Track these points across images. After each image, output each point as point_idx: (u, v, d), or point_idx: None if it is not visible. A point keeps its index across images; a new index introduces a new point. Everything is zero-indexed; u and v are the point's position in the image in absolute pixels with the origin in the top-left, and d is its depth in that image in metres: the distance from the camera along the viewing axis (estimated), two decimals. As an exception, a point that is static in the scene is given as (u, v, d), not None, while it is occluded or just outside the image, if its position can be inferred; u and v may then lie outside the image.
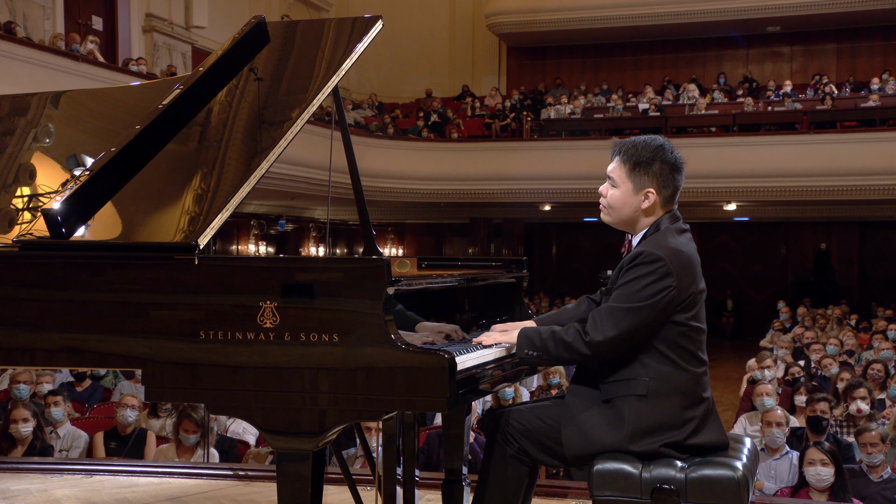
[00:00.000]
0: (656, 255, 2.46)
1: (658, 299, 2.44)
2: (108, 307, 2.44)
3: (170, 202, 2.67)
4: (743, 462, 2.50)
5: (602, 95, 18.42)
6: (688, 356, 2.51)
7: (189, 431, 5.36)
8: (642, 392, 2.48)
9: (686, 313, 2.50)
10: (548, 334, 2.53)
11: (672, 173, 2.58)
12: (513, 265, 3.50)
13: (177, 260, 2.38)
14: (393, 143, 16.62)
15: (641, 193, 2.58)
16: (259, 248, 18.24)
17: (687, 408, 2.50)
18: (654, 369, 2.49)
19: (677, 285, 2.46)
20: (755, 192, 15.30)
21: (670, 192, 2.59)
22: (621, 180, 2.60)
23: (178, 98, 2.85)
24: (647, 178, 2.57)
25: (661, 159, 2.57)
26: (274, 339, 2.29)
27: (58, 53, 11.31)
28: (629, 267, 2.49)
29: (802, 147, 14.82)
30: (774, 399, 6.44)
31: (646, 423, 2.47)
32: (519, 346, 2.58)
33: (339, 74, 2.92)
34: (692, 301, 2.51)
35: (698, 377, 2.53)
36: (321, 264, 2.36)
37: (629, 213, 2.61)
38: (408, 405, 2.27)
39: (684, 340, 2.50)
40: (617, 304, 2.46)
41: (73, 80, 10.61)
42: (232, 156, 2.75)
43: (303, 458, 2.33)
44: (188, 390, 2.38)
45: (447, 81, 21.07)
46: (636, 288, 2.45)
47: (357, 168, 3.14)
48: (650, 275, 2.44)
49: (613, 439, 2.48)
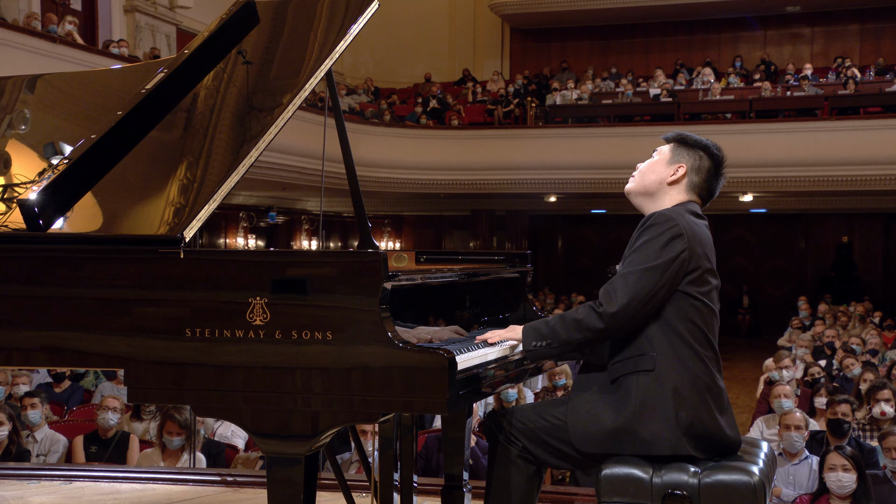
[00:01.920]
0: (667, 215, 2.54)
1: (671, 258, 2.48)
2: (89, 304, 2.44)
3: (153, 193, 2.67)
4: (759, 467, 2.50)
5: (611, 80, 18.40)
6: (698, 334, 2.53)
7: (173, 433, 5.36)
8: (649, 367, 2.49)
9: (698, 286, 2.52)
10: (555, 319, 2.56)
11: (710, 167, 2.70)
12: (516, 260, 3.50)
13: (161, 254, 2.38)
14: (389, 131, 16.61)
15: (674, 166, 2.68)
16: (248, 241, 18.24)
17: (696, 388, 2.50)
18: (662, 344, 2.50)
19: (689, 248, 2.49)
20: (773, 182, 15.29)
21: (700, 181, 2.68)
22: (661, 153, 2.75)
23: (162, 82, 2.85)
24: (686, 154, 2.70)
25: (706, 151, 2.71)
26: (264, 337, 2.30)
27: (34, 35, 11.28)
28: (639, 233, 2.55)
29: (823, 134, 14.81)
30: (793, 401, 6.45)
31: (654, 399, 2.47)
32: (525, 340, 2.59)
33: (333, 57, 2.92)
34: (701, 277, 2.53)
35: (707, 361, 2.54)
36: (314, 258, 2.36)
37: (654, 179, 2.70)
38: (405, 407, 2.28)
39: (696, 315, 2.52)
40: (630, 268, 2.49)
41: (49, 63, 10.60)
42: (219, 144, 2.75)
43: (294, 463, 2.33)
44: (173, 391, 2.38)
45: (447, 65, 21.05)
46: (649, 250, 2.49)
47: (352, 157, 3.14)
48: (661, 235, 2.50)
49: (621, 417, 2.49)
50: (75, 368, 7.31)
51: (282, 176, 14.04)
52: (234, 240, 17.96)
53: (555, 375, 7.23)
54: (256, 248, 17.69)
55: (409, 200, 19.24)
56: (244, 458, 5.62)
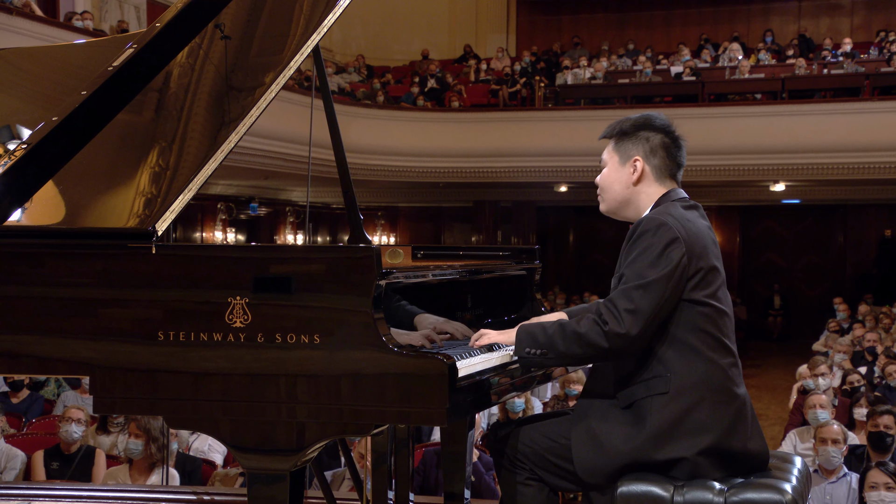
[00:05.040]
0: (658, 219, 2.53)
1: (671, 267, 2.48)
2: (50, 304, 2.44)
3: (122, 182, 2.67)
4: (793, 485, 2.51)
5: (628, 57, 18.40)
6: (712, 342, 2.53)
7: (130, 435, 5.32)
8: (663, 389, 2.50)
9: (703, 289, 2.53)
10: (554, 327, 2.53)
11: (662, 141, 2.69)
12: (523, 255, 3.51)
13: (131, 249, 2.38)
14: (383, 113, 16.61)
15: (628, 165, 2.69)
16: (227, 235, 18.25)
17: (718, 404, 2.51)
18: (675, 363, 2.51)
19: (687, 251, 2.50)
20: (808, 169, 15.29)
21: (661, 162, 2.69)
22: (608, 157, 2.75)
23: (132, 59, 2.85)
24: (632, 146, 2.70)
25: (647, 127, 2.71)
26: (245, 340, 2.30)
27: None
28: (631, 242, 2.55)
29: (864, 116, 14.79)
30: (830, 412, 6.45)
31: (670, 423, 2.48)
32: (519, 344, 2.56)
33: (321, 32, 2.92)
34: (704, 278, 2.54)
35: (726, 369, 2.54)
36: (300, 254, 2.37)
37: (620, 190, 2.71)
38: (401, 418, 2.29)
39: (706, 323, 2.53)
40: (629, 284, 2.48)
41: (5, 37, 10.58)
42: (195, 128, 2.75)
43: (278, 480, 2.34)
44: (144, 401, 2.39)
45: (446, 41, 21.03)
46: (645, 262, 2.49)
47: (342, 142, 3.14)
48: (656, 243, 2.49)
49: (633, 445, 2.49)
50: (35, 376, 7.31)
51: (264, 163, 14.04)
52: (211, 233, 17.96)
53: (568, 384, 7.16)
54: (236, 242, 17.69)
55: (404, 190, 19.24)
56: (222, 474, 5.62)
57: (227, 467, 5.81)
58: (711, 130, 14.61)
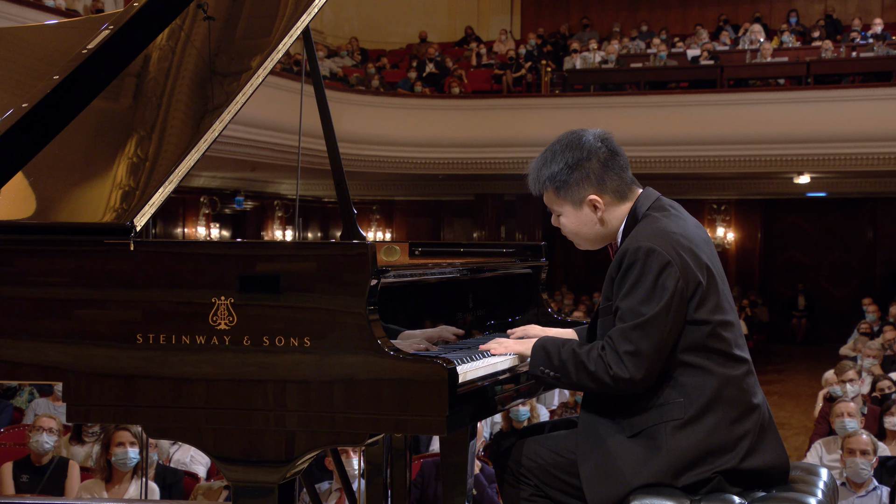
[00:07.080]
0: (644, 247, 2.51)
1: (668, 297, 2.47)
2: (20, 305, 2.44)
3: (97, 174, 2.67)
4: (818, 499, 2.51)
5: (641, 39, 18.39)
6: (723, 358, 2.55)
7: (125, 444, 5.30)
8: (678, 416, 2.51)
9: (704, 307, 2.53)
10: (568, 354, 2.55)
11: (601, 163, 2.66)
12: (528, 252, 3.51)
13: (107, 245, 2.38)
14: (378, 100, 16.61)
15: (585, 206, 2.69)
16: (211, 230, 18.26)
17: (736, 422, 2.52)
18: (688, 387, 2.52)
19: (681, 272, 2.50)
20: (834, 160, 15.28)
21: (615, 183, 2.67)
22: (558, 206, 2.74)
23: (107, 42, 2.85)
24: (577, 189, 2.68)
25: (579, 162, 2.66)
26: (230, 343, 2.30)
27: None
28: (620, 275, 2.55)
29: (895, 103, 14.80)
30: (859, 421, 6.46)
31: (688, 451, 2.49)
32: (534, 361, 2.60)
33: (311, 13, 2.92)
34: (704, 295, 2.54)
35: (740, 380, 2.56)
36: (289, 251, 2.38)
37: (590, 230, 2.73)
38: (397, 426, 2.29)
39: (714, 341, 2.54)
40: (627, 324, 2.49)
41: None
42: (176, 115, 2.75)
43: (266, 494, 2.34)
44: (121, 408, 2.39)
45: (446, 22, 21.03)
46: (639, 297, 2.49)
47: (334, 131, 3.14)
48: (647, 274, 2.49)
49: (648, 473, 2.50)
50: (3, 382, 7.31)
51: (250, 154, 14.04)
52: (193, 229, 17.97)
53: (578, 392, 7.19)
54: (221, 238, 17.71)
55: (401, 183, 19.25)
56: (205, 487, 5.63)
57: (210, 480, 5.82)
58: (731, 118, 14.62)
